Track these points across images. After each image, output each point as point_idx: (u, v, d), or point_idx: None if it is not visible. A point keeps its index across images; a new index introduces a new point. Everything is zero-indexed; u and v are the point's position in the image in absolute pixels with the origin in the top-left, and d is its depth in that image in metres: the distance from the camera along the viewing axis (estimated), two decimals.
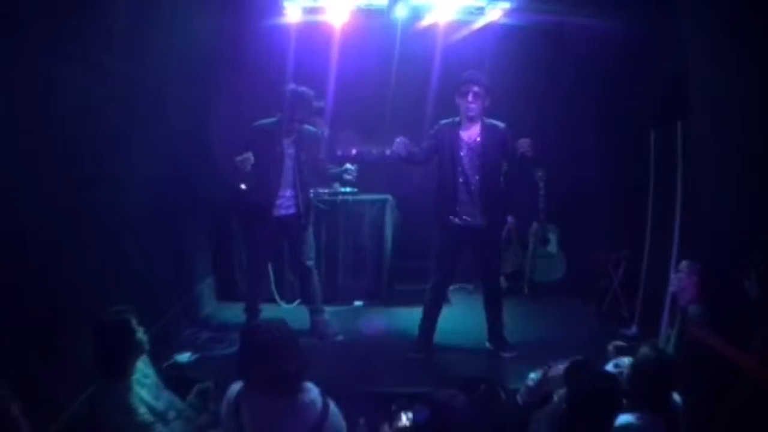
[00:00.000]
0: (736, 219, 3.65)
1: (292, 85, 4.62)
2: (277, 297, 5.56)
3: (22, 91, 2.79)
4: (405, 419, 3.04)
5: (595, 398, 2.41)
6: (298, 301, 5.50)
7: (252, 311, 4.84)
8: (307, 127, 4.70)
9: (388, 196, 5.78)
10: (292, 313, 5.29)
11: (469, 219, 4.41)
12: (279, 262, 5.47)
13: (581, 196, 6.09)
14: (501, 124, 4.44)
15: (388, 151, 4.55)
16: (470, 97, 4.34)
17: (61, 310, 3.04)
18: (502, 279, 6.12)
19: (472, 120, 4.40)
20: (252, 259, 5.08)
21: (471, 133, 4.42)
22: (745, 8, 3.46)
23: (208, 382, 3.06)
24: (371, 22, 5.80)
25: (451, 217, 4.43)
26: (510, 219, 6.00)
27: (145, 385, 2.80)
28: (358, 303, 5.75)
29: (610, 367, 3.19)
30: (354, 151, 6.04)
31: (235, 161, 4.40)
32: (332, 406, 2.46)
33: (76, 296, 3.17)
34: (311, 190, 4.95)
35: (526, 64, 5.96)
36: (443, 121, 4.52)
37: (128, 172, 3.89)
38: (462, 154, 4.39)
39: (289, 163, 4.64)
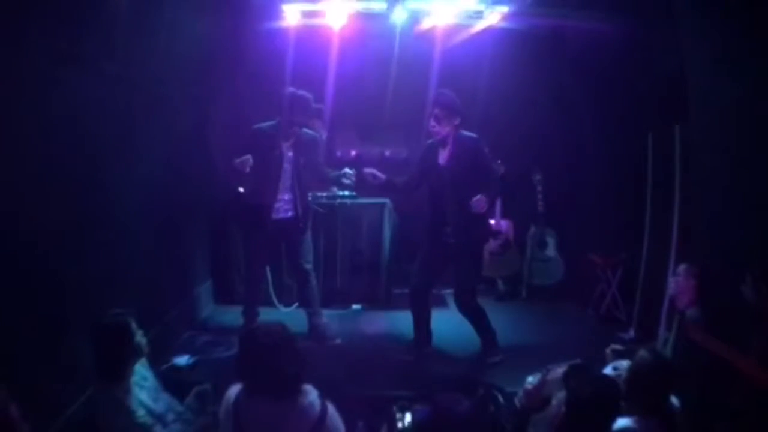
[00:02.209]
0: (733, 222, 3.66)
1: (290, 89, 4.63)
2: (275, 300, 5.55)
3: (22, 95, 2.79)
4: (404, 422, 3.04)
5: (594, 402, 2.41)
6: (296, 304, 5.48)
7: (250, 314, 4.84)
8: (305, 130, 4.71)
9: (386, 200, 5.77)
10: (290, 316, 5.28)
11: (446, 237, 4.40)
12: (277, 266, 5.47)
13: (579, 200, 6.11)
14: (472, 137, 4.35)
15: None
16: (432, 121, 4.31)
17: (60, 312, 3.04)
18: (499, 283, 6.16)
19: (442, 142, 4.36)
20: (250, 262, 5.07)
21: (445, 154, 4.38)
22: (743, 12, 3.47)
23: (206, 384, 3.06)
24: (370, 25, 5.82)
25: (431, 233, 4.46)
26: (508, 223, 6.01)
27: (143, 387, 2.79)
28: (356, 306, 5.75)
29: (608, 370, 3.19)
30: (353, 153, 6.04)
31: (234, 163, 4.41)
32: (331, 408, 2.46)
33: (76, 299, 3.17)
34: (309, 194, 4.95)
35: (525, 67, 5.98)
36: (428, 142, 4.53)
37: (127, 175, 3.89)
38: (438, 174, 4.38)
39: (287, 166, 4.65)
